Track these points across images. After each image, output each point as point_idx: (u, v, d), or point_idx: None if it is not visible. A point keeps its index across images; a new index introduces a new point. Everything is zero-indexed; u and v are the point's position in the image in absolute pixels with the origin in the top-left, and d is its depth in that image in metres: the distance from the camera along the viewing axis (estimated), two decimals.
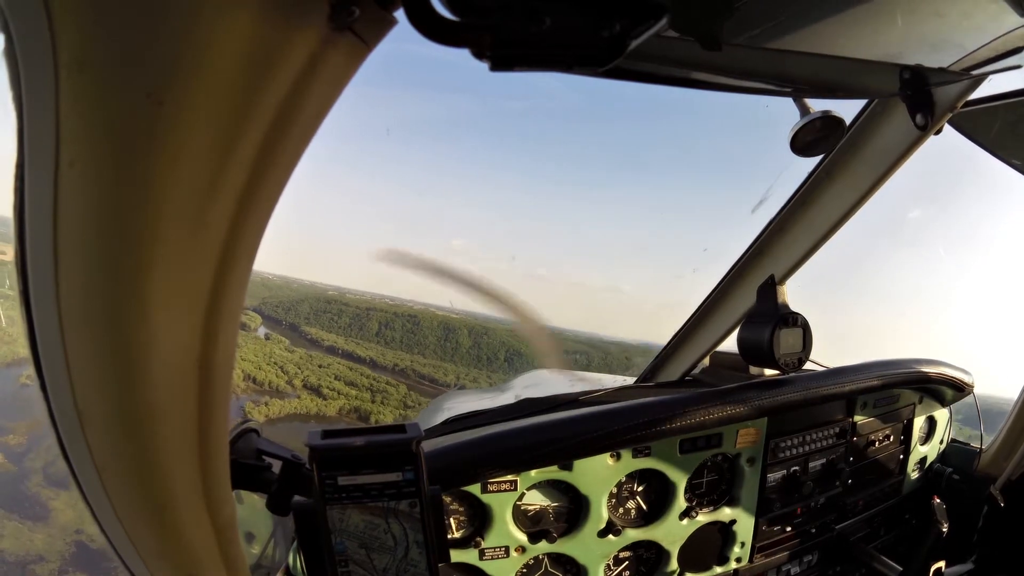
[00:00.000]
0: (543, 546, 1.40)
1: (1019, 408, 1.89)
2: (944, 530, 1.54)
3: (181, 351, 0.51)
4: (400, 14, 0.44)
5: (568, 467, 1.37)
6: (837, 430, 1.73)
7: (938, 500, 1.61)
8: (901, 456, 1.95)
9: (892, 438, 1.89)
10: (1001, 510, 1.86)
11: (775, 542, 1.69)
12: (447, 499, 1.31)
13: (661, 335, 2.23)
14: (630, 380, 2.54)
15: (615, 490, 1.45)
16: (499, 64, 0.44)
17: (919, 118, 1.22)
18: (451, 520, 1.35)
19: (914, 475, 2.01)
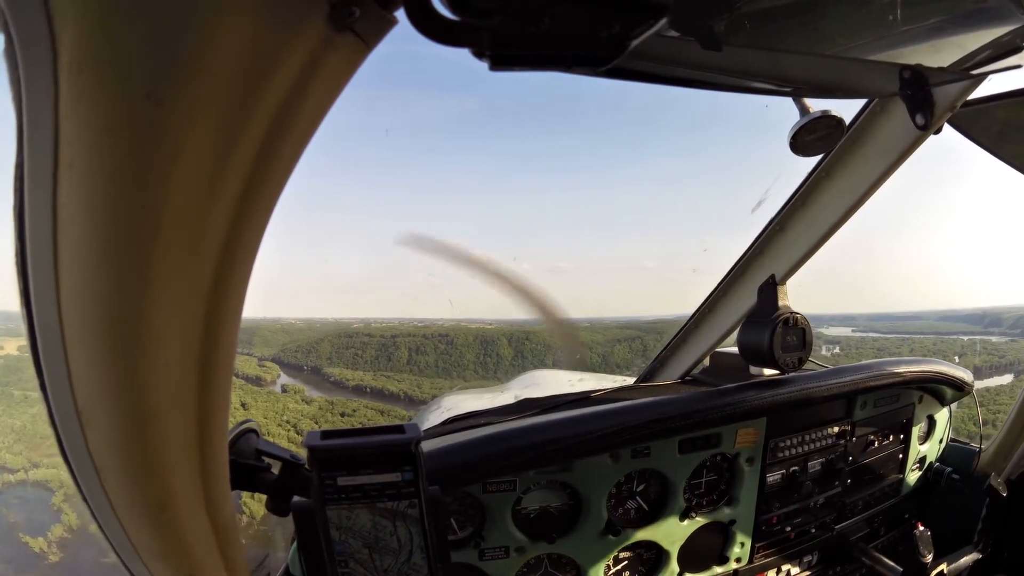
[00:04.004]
0: (543, 546, 1.39)
1: (1019, 408, 1.89)
2: (927, 562, 1.53)
3: (181, 351, 0.51)
4: (400, 14, 0.44)
5: (568, 467, 1.37)
6: (836, 430, 1.72)
7: (921, 528, 1.57)
8: (900, 456, 1.95)
9: (891, 438, 1.89)
10: (1001, 509, 1.87)
11: (775, 542, 1.69)
12: (447, 499, 1.31)
13: (694, 305, 2.15)
14: (630, 380, 2.54)
15: (615, 490, 1.45)
16: (499, 64, 0.45)
17: (919, 118, 1.22)
18: (451, 520, 1.35)
19: (914, 475, 2.01)
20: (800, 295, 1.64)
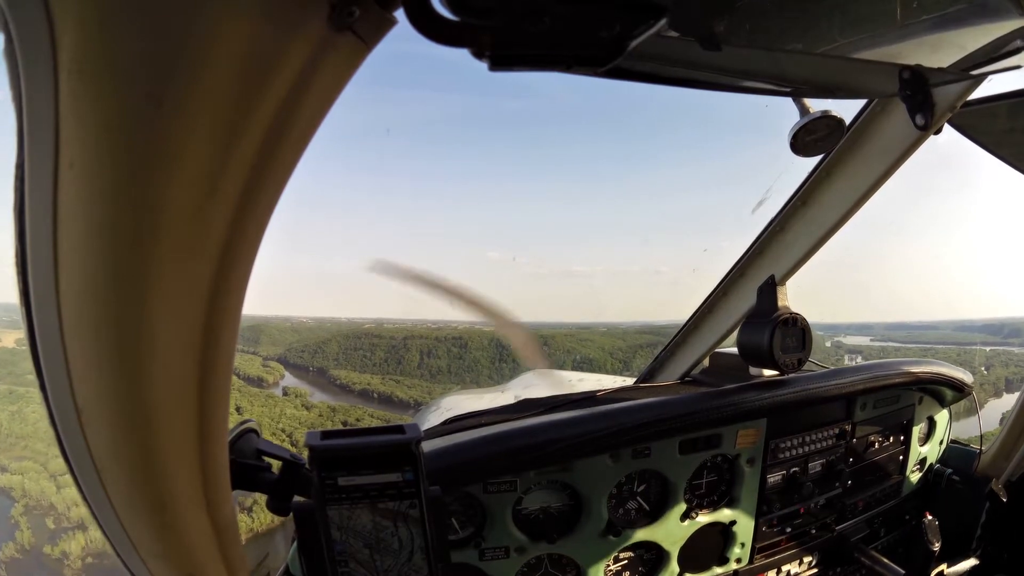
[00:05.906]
0: (543, 546, 1.39)
1: (1019, 409, 1.89)
2: (935, 550, 1.54)
3: (181, 351, 0.51)
4: (400, 14, 0.44)
5: (568, 467, 1.37)
6: (837, 431, 1.72)
7: (930, 517, 1.58)
8: (901, 457, 1.95)
9: (892, 439, 1.89)
10: (1001, 511, 1.86)
11: (775, 543, 1.69)
12: (447, 499, 1.31)
13: None
14: (630, 380, 2.54)
15: (615, 490, 1.45)
16: (499, 64, 0.44)
17: (919, 118, 1.22)
18: (452, 520, 1.35)
19: (914, 476, 2.01)
20: (812, 302, 1.64)
